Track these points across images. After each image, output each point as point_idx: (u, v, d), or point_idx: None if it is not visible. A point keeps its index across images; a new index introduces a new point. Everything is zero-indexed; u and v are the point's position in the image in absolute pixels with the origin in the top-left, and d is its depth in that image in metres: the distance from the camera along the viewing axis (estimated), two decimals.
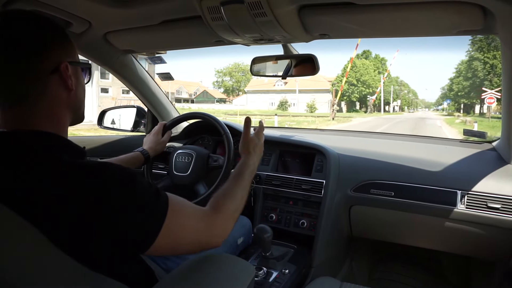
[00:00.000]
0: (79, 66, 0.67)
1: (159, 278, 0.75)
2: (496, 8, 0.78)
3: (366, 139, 1.78)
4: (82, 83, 0.69)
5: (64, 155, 0.57)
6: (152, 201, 0.59)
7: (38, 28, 0.60)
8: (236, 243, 1.23)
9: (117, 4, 1.01)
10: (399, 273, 1.69)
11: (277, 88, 47.43)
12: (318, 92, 44.85)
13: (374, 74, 49.63)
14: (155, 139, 1.30)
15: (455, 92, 48.35)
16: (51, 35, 0.61)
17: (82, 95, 0.69)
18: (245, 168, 0.87)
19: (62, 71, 0.61)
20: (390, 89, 60.41)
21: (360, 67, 48.52)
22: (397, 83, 69.48)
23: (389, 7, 0.87)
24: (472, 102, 46.08)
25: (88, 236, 0.53)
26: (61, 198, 0.52)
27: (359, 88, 47.68)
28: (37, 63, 0.59)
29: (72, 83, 0.63)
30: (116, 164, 0.60)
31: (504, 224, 1.12)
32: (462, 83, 44.99)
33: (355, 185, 1.34)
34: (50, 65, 0.60)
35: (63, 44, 0.63)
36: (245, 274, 0.70)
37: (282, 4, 0.87)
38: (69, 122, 0.67)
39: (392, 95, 62.79)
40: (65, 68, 0.61)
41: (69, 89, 0.63)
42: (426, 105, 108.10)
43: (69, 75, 0.62)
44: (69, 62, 0.63)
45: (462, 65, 45.93)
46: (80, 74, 0.68)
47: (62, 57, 0.62)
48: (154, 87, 1.74)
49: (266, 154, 1.55)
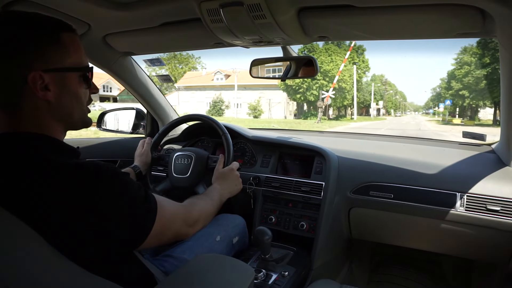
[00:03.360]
0: (69, 72, 0.61)
1: (158, 281, 0.75)
2: (495, 11, 0.78)
3: (366, 141, 1.78)
4: (73, 89, 0.63)
5: (55, 156, 0.57)
6: (143, 200, 0.62)
7: (12, 34, 0.56)
8: (232, 242, 1.23)
9: (117, 6, 1.01)
10: (398, 275, 1.69)
11: (215, 83, 34.17)
12: (269, 89, 31.41)
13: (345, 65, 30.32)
14: (141, 152, 1.32)
15: (454, 90, 35.87)
16: (24, 42, 0.56)
17: (71, 104, 0.63)
18: (214, 189, 1.01)
19: (30, 82, 0.56)
20: (371, 89, 46.73)
21: (322, 51, 30.53)
22: (381, 82, 59.71)
23: (387, 9, 0.87)
24: (479, 103, 34.39)
25: (81, 235, 0.53)
26: (52, 197, 0.52)
27: (320, 82, 29.72)
28: (7, 71, 0.56)
29: (49, 94, 0.58)
30: (107, 164, 0.60)
31: (504, 226, 1.11)
32: (468, 76, 31.49)
33: (354, 187, 1.34)
34: (17, 75, 0.56)
35: (42, 51, 0.58)
36: (244, 276, 0.69)
37: (282, 7, 0.87)
38: (62, 129, 0.64)
39: (374, 96, 48.17)
40: (36, 78, 0.56)
41: (46, 100, 0.58)
42: (415, 109, 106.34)
43: (44, 85, 0.57)
44: (48, 70, 0.57)
45: (468, 53, 32.81)
46: (71, 80, 0.62)
47: (34, 66, 0.56)
48: (153, 90, 1.74)
49: (266, 156, 1.55)
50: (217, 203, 0.96)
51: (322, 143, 1.48)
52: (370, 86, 48.18)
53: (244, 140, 1.62)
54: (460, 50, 34.79)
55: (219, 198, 0.98)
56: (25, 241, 0.49)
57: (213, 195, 0.96)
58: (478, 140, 1.50)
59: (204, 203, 0.89)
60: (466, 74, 32.95)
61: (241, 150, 1.63)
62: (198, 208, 0.85)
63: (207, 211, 0.89)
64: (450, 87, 38.30)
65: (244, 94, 32.43)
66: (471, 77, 32.17)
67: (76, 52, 0.63)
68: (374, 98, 49.36)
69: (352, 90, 32.36)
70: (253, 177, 1.47)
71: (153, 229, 0.62)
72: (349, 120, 34.43)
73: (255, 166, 1.55)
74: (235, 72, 31.10)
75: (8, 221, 0.49)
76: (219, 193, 1.00)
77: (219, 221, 1.16)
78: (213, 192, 0.98)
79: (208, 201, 0.92)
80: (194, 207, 0.84)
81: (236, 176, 1.12)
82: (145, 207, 0.62)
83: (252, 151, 1.59)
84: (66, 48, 0.61)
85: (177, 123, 1.42)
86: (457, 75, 34.63)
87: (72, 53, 0.62)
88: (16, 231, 0.49)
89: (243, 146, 1.62)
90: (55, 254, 0.51)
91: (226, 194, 1.05)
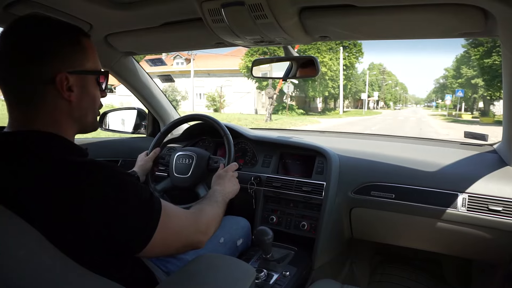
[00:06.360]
0: (90, 75, 0.65)
1: (159, 281, 0.76)
2: (497, 11, 0.78)
3: (367, 141, 1.78)
4: (91, 92, 0.66)
5: (64, 155, 0.58)
6: (147, 201, 0.61)
7: (39, 36, 0.59)
8: (236, 244, 1.23)
9: (118, 6, 1.01)
10: (400, 275, 1.69)
11: (175, 69, 26.13)
12: (236, 75, 23.85)
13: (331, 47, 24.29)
14: (142, 158, 1.32)
15: (464, 79, 29.00)
16: (50, 44, 0.60)
17: (88, 105, 0.66)
18: (215, 192, 0.99)
19: (58, 83, 0.59)
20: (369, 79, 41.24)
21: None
22: (379, 72, 54.55)
23: (389, 9, 0.87)
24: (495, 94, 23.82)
25: (84, 235, 0.54)
26: (55, 195, 0.52)
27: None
28: (33, 72, 0.58)
29: (72, 95, 0.62)
30: (113, 164, 0.60)
31: (505, 226, 1.11)
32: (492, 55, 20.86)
33: (355, 187, 1.34)
34: (46, 75, 0.59)
35: (66, 53, 0.61)
36: (246, 276, 0.69)
37: (283, 6, 0.87)
38: (75, 130, 0.66)
39: (371, 87, 43.24)
40: (63, 79, 0.60)
41: (69, 100, 0.62)
42: (417, 101, 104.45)
43: (68, 86, 0.61)
44: (72, 72, 0.61)
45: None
46: (89, 83, 0.66)
47: (61, 67, 0.60)
48: (154, 89, 1.75)
49: (267, 156, 1.55)
50: (223, 204, 0.95)
51: (323, 143, 1.48)
52: (366, 75, 42.35)
53: (245, 140, 1.62)
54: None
55: (223, 199, 0.97)
56: (28, 240, 0.49)
57: (216, 197, 0.96)
58: (480, 140, 1.50)
59: (211, 208, 0.87)
60: (486, 53, 22.12)
61: (242, 150, 1.63)
62: (207, 213, 0.82)
63: (216, 214, 0.88)
64: (459, 75, 31.33)
65: (208, 81, 25.23)
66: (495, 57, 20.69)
67: (94, 57, 0.67)
68: (372, 89, 43.39)
69: (338, 78, 25.76)
70: (254, 177, 1.47)
71: (156, 236, 0.60)
72: (331, 115, 27.36)
73: (256, 166, 1.55)
74: (191, 55, 23.84)
75: (10, 219, 0.49)
76: (222, 193, 1.00)
77: (223, 223, 1.16)
78: (215, 194, 0.97)
79: (214, 204, 0.91)
80: (203, 213, 0.80)
81: (232, 176, 1.12)
82: (147, 211, 0.60)
83: (253, 151, 1.59)
84: (87, 52, 0.65)
85: (178, 123, 1.42)
86: (473, 55, 24.25)
87: (90, 57, 0.65)
88: (18, 229, 0.49)
89: (244, 146, 1.62)
90: (58, 253, 0.51)
91: (228, 194, 1.05)
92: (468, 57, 27.79)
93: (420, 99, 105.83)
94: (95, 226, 0.53)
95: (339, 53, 24.90)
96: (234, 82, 24.66)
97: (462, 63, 30.85)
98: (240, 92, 24.37)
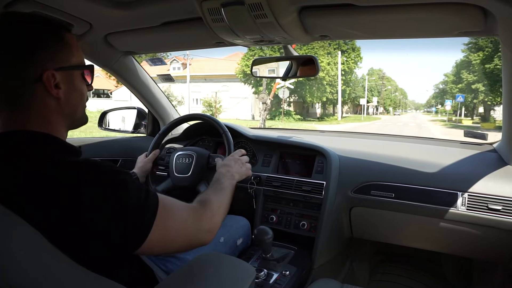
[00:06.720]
0: (76, 70, 0.64)
1: (159, 280, 0.76)
2: (497, 10, 0.78)
3: (367, 141, 1.78)
4: (79, 87, 0.66)
5: (57, 154, 0.58)
6: (142, 198, 0.60)
7: (24, 34, 0.58)
8: (236, 244, 1.23)
9: (118, 5, 1.01)
10: (400, 274, 1.69)
11: (172, 74, 23.19)
12: (234, 80, 23.51)
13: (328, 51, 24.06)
14: (142, 159, 1.31)
15: (465, 84, 28.66)
16: (36, 42, 0.59)
17: (76, 101, 0.66)
18: (220, 175, 0.93)
19: (45, 81, 0.59)
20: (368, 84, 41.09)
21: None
22: (379, 77, 54.07)
23: (389, 8, 0.87)
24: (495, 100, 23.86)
25: (81, 233, 0.54)
26: (52, 195, 0.52)
27: None
28: (20, 70, 0.58)
29: (60, 92, 0.61)
30: (108, 163, 0.60)
31: (505, 225, 1.11)
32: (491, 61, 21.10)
33: (355, 187, 1.34)
34: (33, 73, 0.58)
35: (52, 50, 0.60)
36: (245, 276, 0.69)
37: (283, 6, 0.87)
38: (66, 126, 0.66)
39: (371, 92, 43.16)
40: (50, 77, 0.59)
41: (57, 98, 0.61)
42: (416, 107, 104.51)
43: (55, 83, 0.60)
44: (58, 68, 0.60)
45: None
46: (76, 78, 0.65)
47: (47, 65, 0.59)
48: (154, 89, 1.75)
49: (267, 156, 1.55)
50: (230, 189, 0.88)
51: (323, 143, 1.48)
52: (365, 80, 42.04)
53: (245, 140, 1.62)
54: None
55: (230, 183, 0.90)
56: (27, 239, 0.49)
57: (222, 182, 0.88)
58: (480, 139, 1.50)
59: (216, 198, 0.80)
60: (487, 58, 22.31)
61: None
62: (212, 206, 0.76)
63: (223, 203, 0.81)
64: (459, 80, 31.00)
65: (205, 86, 24.62)
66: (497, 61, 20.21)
67: (78, 51, 0.66)
68: (371, 94, 42.95)
69: (336, 83, 25.12)
70: (254, 177, 1.47)
71: (153, 233, 0.58)
72: (329, 121, 26.89)
73: (256, 166, 1.55)
74: (187, 59, 22.74)
75: (10, 219, 0.49)
76: (228, 176, 0.92)
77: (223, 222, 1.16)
78: (221, 179, 0.90)
79: (220, 192, 0.84)
80: (207, 207, 0.74)
81: (240, 159, 1.05)
82: (142, 207, 0.59)
83: (253, 151, 1.59)
84: (71, 48, 0.64)
85: (178, 123, 1.42)
86: (473, 60, 24.62)
87: (75, 52, 0.65)
88: (18, 229, 0.49)
89: (244, 146, 1.62)
90: (57, 253, 0.51)
91: (236, 175, 0.97)
92: (468, 62, 27.74)
93: (419, 105, 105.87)
94: (92, 225, 0.53)
95: (337, 58, 24.47)
96: (231, 87, 24.37)
97: (462, 68, 30.62)
98: (237, 97, 24.06)
